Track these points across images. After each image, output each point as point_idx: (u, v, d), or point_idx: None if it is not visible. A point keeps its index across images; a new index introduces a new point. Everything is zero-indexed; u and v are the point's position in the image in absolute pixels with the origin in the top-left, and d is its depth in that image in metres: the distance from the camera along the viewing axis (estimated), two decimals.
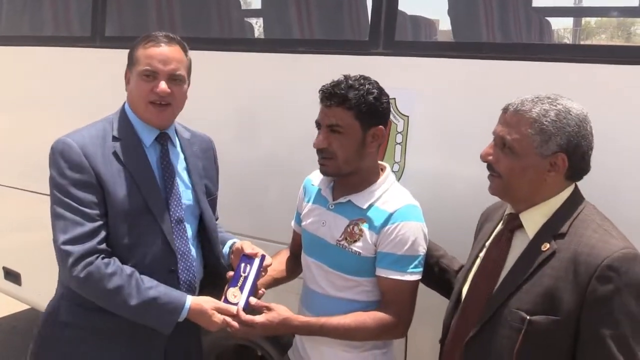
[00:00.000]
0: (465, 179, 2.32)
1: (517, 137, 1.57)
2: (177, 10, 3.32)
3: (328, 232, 1.98)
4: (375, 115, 1.89)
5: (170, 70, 1.92)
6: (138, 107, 1.96)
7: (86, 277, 1.82)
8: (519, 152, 1.57)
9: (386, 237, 1.89)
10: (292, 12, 2.95)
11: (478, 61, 2.34)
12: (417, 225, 1.91)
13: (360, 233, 1.92)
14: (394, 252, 1.89)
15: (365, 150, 1.91)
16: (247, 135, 2.85)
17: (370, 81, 1.90)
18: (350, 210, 1.95)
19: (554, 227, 1.56)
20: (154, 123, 1.98)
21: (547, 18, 4.13)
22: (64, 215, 1.85)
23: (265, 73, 2.80)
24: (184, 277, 2.02)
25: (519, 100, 1.60)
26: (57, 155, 1.89)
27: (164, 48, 1.92)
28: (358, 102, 1.85)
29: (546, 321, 1.49)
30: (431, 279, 2.02)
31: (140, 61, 1.92)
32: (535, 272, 1.53)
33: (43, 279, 2.46)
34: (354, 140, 1.88)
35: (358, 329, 1.89)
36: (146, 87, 1.91)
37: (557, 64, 2.20)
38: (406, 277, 1.89)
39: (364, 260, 1.92)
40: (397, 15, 2.49)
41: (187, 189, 2.07)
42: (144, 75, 1.91)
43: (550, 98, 1.58)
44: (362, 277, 1.95)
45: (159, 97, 1.91)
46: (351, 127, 1.87)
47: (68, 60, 3.40)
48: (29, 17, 3.88)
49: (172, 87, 1.92)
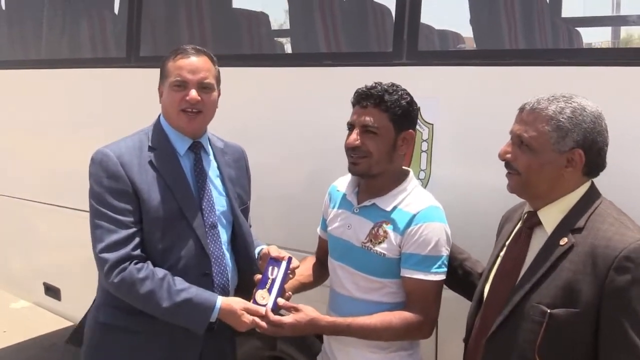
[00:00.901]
0: (491, 186, 2.31)
1: (534, 134, 1.63)
2: (209, 29, 3.47)
3: (353, 235, 2.05)
4: (407, 119, 1.99)
5: (199, 79, 2.04)
6: (171, 116, 2.08)
7: (120, 283, 1.93)
8: (537, 148, 1.63)
9: (410, 238, 1.96)
10: (317, 26, 3.05)
11: (501, 68, 2.40)
12: (440, 226, 1.98)
13: (384, 235, 1.99)
14: (418, 252, 1.95)
15: (396, 153, 2.01)
16: (278, 147, 2.94)
17: (401, 88, 2.01)
18: (375, 213, 2.03)
19: (571, 222, 1.61)
20: (187, 130, 2.09)
21: (578, 29, 4.16)
22: (101, 224, 1.97)
23: (293, 87, 2.89)
24: (218, 281, 2.11)
25: (534, 99, 1.67)
26: (96, 165, 2.02)
27: (192, 59, 2.05)
28: (393, 105, 1.95)
29: (566, 314, 1.53)
30: (455, 282, 2.07)
31: (170, 73, 2.05)
32: (554, 267, 1.58)
33: (83, 295, 2.57)
34: (387, 141, 1.97)
35: (384, 329, 1.94)
36: (177, 97, 2.03)
37: (581, 69, 2.23)
38: (430, 276, 1.95)
39: (388, 261, 1.99)
40: (420, 26, 2.57)
41: (221, 196, 2.17)
42: (174, 86, 2.04)
43: (565, 96, 1.65)
44: (387, 278, 2.01)
45: (190, 105, 2.03)
46: (385, 128, 1.97)
47: (104, 80, 3.56)
48: (62, 41, 4.07)
49: (201, 95, 2.04)
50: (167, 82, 2.06)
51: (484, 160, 2.37)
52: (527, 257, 1.69)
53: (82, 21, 3.98)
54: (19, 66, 4.11)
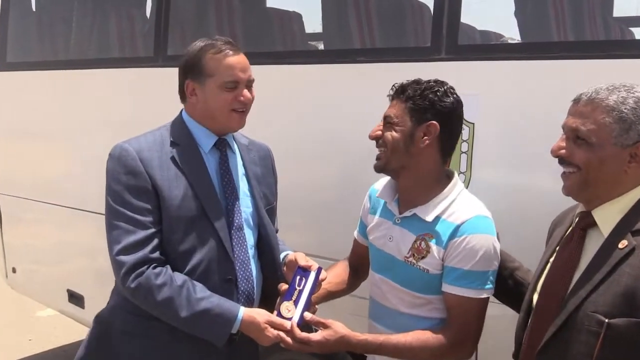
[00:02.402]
0: (539, 189, 2.26)
1: (593, 127, 1.52)
2: (238, 27, 3.45)
3: (395, 248, 1.96)
4: (430, 111, 1.87)
5: (249, 77, 1.99)
6: (219, 116, 1.99)
7: (136, 288, 1.86)
8: (596, 142, 1.52)
9: (453, 250, 1.85)
10: (351, 21, 2.99)
11: (548, 62, 2.30)
12: (486, 238, 1.85)
13: (427, 249, 1.88)
14: (461, 266, 1.84)
15: (415, 146, 1.88)
16: (311, 147, 2.90)
17: (440, 82, 1.91)
18: (417, 225, 1.92)
19: (631, 222, 1.50)
20: (235, 129, 2.05)
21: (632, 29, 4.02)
22: (118, 225, 1.91)
23: (328, 84, 2.84)
24: (242, 287, 2.04)
25: (592, 89, 1.56)
26: (114, 161, 1.96)
27: (239, 56, 1.99)
28: (414, 95, 1.87)
29: (627, 324, 1.42)
30: (505, 293, 1.96)
31: (219, 72, 1.95)
32: (612, 272, 1.46)
33: (107, 302, 2.53)
34: (404, 132, 1.88)
35: (420, 348, 1.84)
36: (229, 97, 1.96)
37: (633, 61, 2.13)
38: (472, 293, 1.84)
39: (431, 277, 1.89)
40: (460, 18, 2.49)
41: (246, 196, 2.10)
42: (228, 87, 1.96)
43: (626, 86, 1.53)
44: (431, 294, 1.91)
45: (243, 105, 1.98)
46: (402, 118, 1.89)
47: (132, 80, 3.57)
48: (89, 41, 4.10)
49: (249, 92, 2.00)
50: (214, 81, 1.96)
51: (530, 162, 2.32)
52: (580, 261, 1.58)
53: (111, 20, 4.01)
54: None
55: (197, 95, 2.00)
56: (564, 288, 1.57)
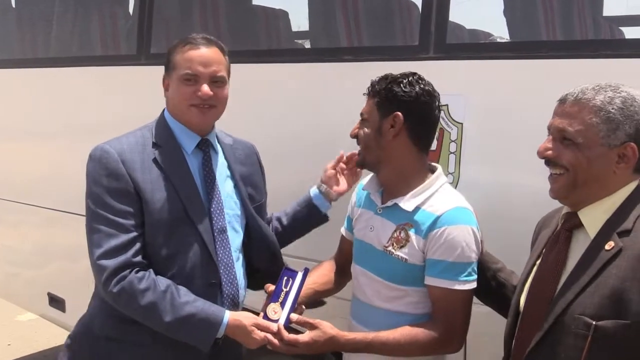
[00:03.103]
0: (527, 191, 2.24)
1: (581, 127, 1.52)
2: (223, 25, 3.42)
3: (375, 238, 1.98)
4: (394, 103, 1.91)
5: (211, 73, 1.96)
6: (179, 111, 1.99)
7: (119, 293, 1.84)
8: (583, 143, 1.52)
9: (434, 242, 1.86)
10: (338, 19, 2.97)
11: (538, 61, 2.29)
12: (467, 229, 1.87)
13: (406, 238, 1.90)
14: (445, 258, 1.85)
15: (384, 138, 1.93)
16: (296, 147, 2.87)
17: (408, 74, 1.94)
18: (397, 215, 1.94)
19: (617, 223, 1.50)
20: (197, 125, 2.01)
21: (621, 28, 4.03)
22: (99, 228, 1.88)
23: (313, 84, 2.82)
24: (227, 291, 2.02)
25: (578, 89, 1.56)
26: (95, 162, 1.93)
27: (203, 50, 1.97)
28: (379, 90, 1.93)
29: (614, 326, 1.41)
30: (487, 294, 1.96)
31: (180, 65, 1.96)
32: (599, 273, 1.46)
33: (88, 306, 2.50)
34: (372, 125, 1.96)
35: (409, 344, 1.85)
36: (188, 91, 1.95)
37: (623, 60, 2.12)
38: (458, 286, 1.85)
39: (410, 267, 1.90)
40: (449, 16, 2.47)
41: (231, 198, 2.09)
42: (184, 80, 1.95)
43: (612, 86, 1.53)
44: (408, 286, 1.92)
45: (202, 101, 1.95)
46: (371, 114, 1.96)
47: (114, 78, 3.53)
48: (70, 39, 4.07)
49: (213, 89, 1.96)
50: (176, 75, 1.97)
51: (518, 163, 2.30)
52: (567, 263, 1.57)
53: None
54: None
55: (169, 90, 2.02)
56: (551, 291, 1.56)
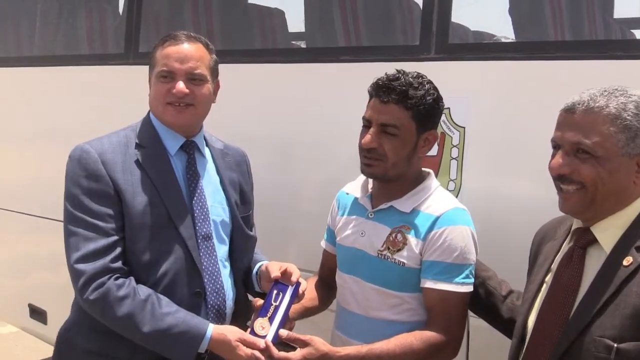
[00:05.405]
0: (531, 199, 2.23)
1: (598, 139, 1.46)
2: (214, 24, 3.40)
3: (368, 243, 1.95)
4: (432, 119, 1.89)
5: (187, 69, 1.91)
6: (156, 109, 1.97)
7: (95, 300, 1.81)
8: (604, 155, 1.46)
9: (433, 243, 1.85)
10: (335, 18, 2.97)
11: (545, 62, 2.27)
12: (466, 229, 1.87)
13: (404, 241, 1.89)
14: (443, 260, 1.84)
15: (416, 155, 1.91)
16: (291, 150, 2.87)
17: (427, 80, 1.90)
18: (393, 217, 1.92)
19: (635, 237, 1.45)
20: (174, 124, 1.97)
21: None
22: (76, 231, 1.85)
23: (311, 84, 2.81)
24: (212, 301, 1.98)
25: (586, 96, 1.49)
26: (74, 163, 1.90)
27: (182, 46, 1.93)
28: (418, 103, 1.83)
29: (637, 348, 1.37)
30: (475, 302, 1.94)
31: (157, 62, 1.94)
32: (618, 292, 1.42)
33: None
34: (408, 143, 1.87)
35: (404, 353, 1.82)
36: (163, 88, 1.92)
37: (631, 62, 2.11)
38: (455, 287, 1.85)
39: (408, 272, 1.88)
40: (451, 15, 2.46)
41: (218, 204, 2.05)
42: (160, 77, 1.92)
43: (619, 90, 1.49)
44: (405, 292, 1.91)
45: (177, 99, 1.91)
46: (407, 129, 1.86)
47: (100, 78, 3.51)
48: (54, 37, 4.06)
49: (190, 87, 1.92)
50: (153, 71, 1.96)
51: (523, 169, 2.30)
52: (582, 281, 1.52)
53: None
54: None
55: (150, 88, 2.00)
56: (565, 312, 1.51)
